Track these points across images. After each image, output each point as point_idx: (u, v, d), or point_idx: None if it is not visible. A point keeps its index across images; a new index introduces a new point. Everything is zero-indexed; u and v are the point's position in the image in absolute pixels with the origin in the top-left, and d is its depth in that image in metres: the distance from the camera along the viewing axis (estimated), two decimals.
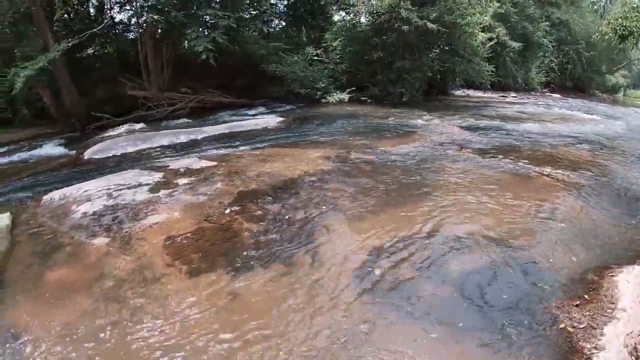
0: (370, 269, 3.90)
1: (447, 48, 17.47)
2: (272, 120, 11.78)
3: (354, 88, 16.83)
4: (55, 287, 3.87)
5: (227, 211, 4.90)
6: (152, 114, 15.38)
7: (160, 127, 12.76)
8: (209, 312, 3.40)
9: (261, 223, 4.67)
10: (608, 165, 8.03)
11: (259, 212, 4.91)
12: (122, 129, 13.08)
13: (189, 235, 4.42)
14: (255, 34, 18.91)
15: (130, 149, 9.35)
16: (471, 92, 23.49)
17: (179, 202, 5.16)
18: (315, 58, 17.59)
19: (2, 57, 14.28)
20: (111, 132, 12.65)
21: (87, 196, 5.66)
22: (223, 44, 14.49)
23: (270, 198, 5.30)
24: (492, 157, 7.86)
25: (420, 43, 16.36)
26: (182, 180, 5.89)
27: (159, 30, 15.70)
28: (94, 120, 14.76)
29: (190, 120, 13.59)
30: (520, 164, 7.34)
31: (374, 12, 16.33)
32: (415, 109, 15.05)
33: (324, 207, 5.14)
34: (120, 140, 10.13)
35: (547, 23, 27.71)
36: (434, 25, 14.85)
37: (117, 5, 17.07)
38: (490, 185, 6.07)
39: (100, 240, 4.53)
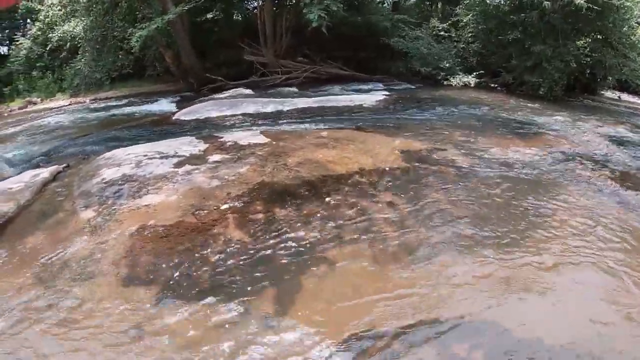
0: None
1: (598, 37, 14.34)
2: (371, 98, 10.51)
3: (482, 72, 14.62)
4: (20, 253, 3.68)
5: (225, 206, 3.94)
6: (265, 80, 15.16)
7: (265, 94, 12.31)
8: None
9: (249, 233, 3.60)
10: None
11: (259, 217, 3.82)
12: (230, 92, 12.91)
13: (161, 229, 3.62)
14: (384, 5, 17.56)
15: (214, 114, 8.98)
16: (624, 96, 19.49)
17: (189, 183, 4.40)
18: (444, 34, 15.74)
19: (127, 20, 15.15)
20: (219, 95, 12.56)
21: (123, 160, 5.37)
22: (340, 14, 13.53)
23: (290, 198, 4.16)
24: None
25: (565, 26, 13.54)
26: (215, 157, 5.14)
27: None
28: (209, 82, 14.98)
29: (296, 90, 12.92)
30: None
31: None
32: (553, 105, 12.53)
33: (346, 234, 3.69)
34: (208, 104, 9.82)
35: None
36: (581, 2, 12.06)
37: None
38: (626, 247, 3.78)
39: (87, 214, 4.15)
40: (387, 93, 12.06)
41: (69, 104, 15.05)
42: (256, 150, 5.37)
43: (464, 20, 15.83)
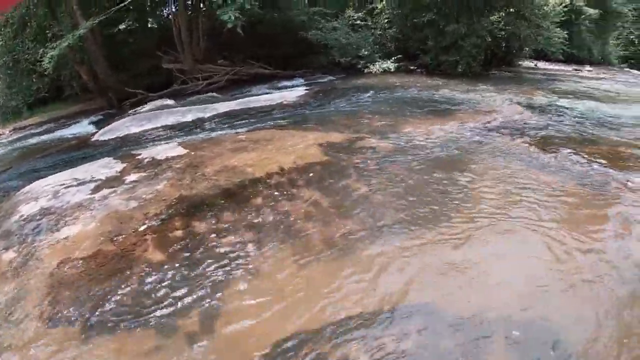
0: None
1: (511, 10, 15.16)
2: (291, 95, 10.69)
3: (401, 56, 15.07)
4: None
5: (143, 227, 3.93)
6: (187, 88, 14.98)
7: (187, 102, 12.17)
8: None
9: (168, 253, 3.59)
10: None
11: (178, 234, 3.82)
12: (151, 105, 12.67)
13: (80, 262, 3.56)
14: None
15: (134, 130, 8.85)
16: (540, 64, 20.71)
17: (106, 208, 4.33)
18: (360, 23, 16.09)
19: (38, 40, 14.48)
20: (140, 109, 12.29)
21: (41, 193, 5.20)
22: (256, 12, 13.56)
23: (208, 210, 4.18)
24: (557, 152, 5.82)
25: (478, 3, 14.24)
26: (133, 177, 5.09)
27: (188, 1, 15.10)
28: (130, 95, 14.63)
29: (218, 95, 12.85)
30: (595, 166, 5.28)
31: None
32: (472, 80, 13.09)
33: (268, 238, 3.71)
34: (127, 120, 9.63)
35: None
36: None
37: None
38: (547, 210, 4.04)
39: (8, 256, 3.97)
40: (308, 87, 12.26)
41: None
42: (173, 163, 5.36)
43: (379, 7, 16.26)
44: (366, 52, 15.00)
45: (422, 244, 3.54)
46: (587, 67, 21.55)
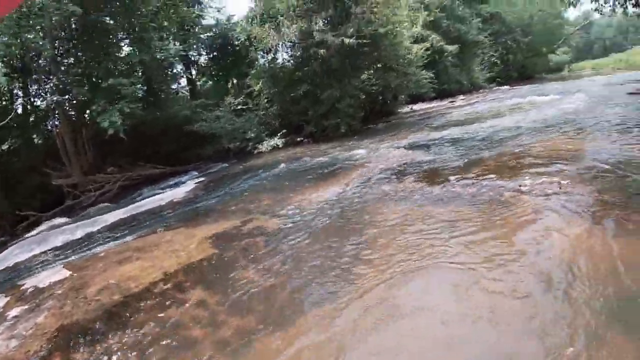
0: None
1: (378, 65, 16.87)
2: (181, 191, 11.04)
3: (286, 131, 16.05)
4: None
5: None
6: (80, 202, 14.68)
7: (79, 217, 12.00)
8: None
9: None
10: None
11: None
12: (43, 226, 12.34)
13: None
14: (180, 94, 18.36)
15: (22, 257, 8.61)
16: (417, 106, 22.88)
17: None
18: (242, 107, 16.98)
19: None
20: (30, 233, 11.90)
21: None
22: (138, 113, 13.92)
23: (89, 337, 4.17)
24: (446, 181, 6.25)
25: (344, 66, 15.67)
26: (15, 312, 5.07)
27: (71, 112, 15.17)
28: (22, 219, 14.04)
29: (109, 204, 12.77)
30: (485, 182, 5.81)
31: (290, 42, 15.75)
32: (354, 138, 14.19)
33: (152, 356, 3.58)
34: (16, 248, 9.36)
35: (479, 19, 27.81)
36: (351, 40, 14.14)
37: (27, 94, 16.46)
38: (448, 243, 4.30)
39: None
40: (199, 180, 12.61)
41: None
42: (56, 289, 5.40)
43: (257, 89, 17.27)
44: (252, 134, 15.79)
45: (328, 319, 3.52)
46: (460, 97, 24.24)
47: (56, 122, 16.64)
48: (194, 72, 21.12)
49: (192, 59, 20.44)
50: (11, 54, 13.15)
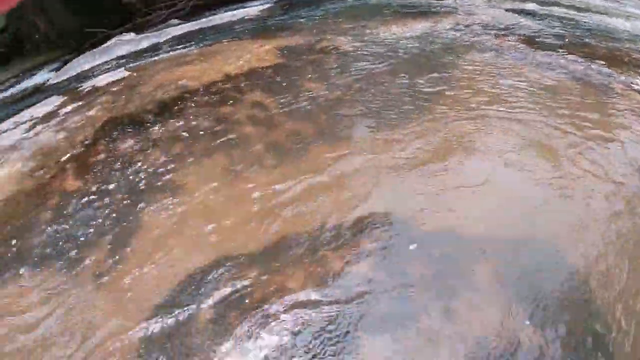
0: None
1: None
2: (254, 9, 9.87)
3: None
4: None
5: (65, 157, 3.56)
6: (150, 20, 14.00)
7: (146, 33, 11.42)
8: None
9: (86, 179, 3.24)
10: None
11: (100, 157, 3.44)
12: (109, 42, 11.93)
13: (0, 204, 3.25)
14: None
15: (86, 67, 8.23)
16: None
17: (34, 145, 3.94)
18: None
19: None
20: (97, 48, 11.59)
21: None
22: None
23: (138, 127, 3.75)
24: (550, 50, 5.12)
25: None
26: (68, 108, 4.66)
27: None
28: (90, 36, 13.76)
29: (179, 21, 12.00)
30: (594, 67, 4.65)
31: None
32: None
33: (199, 149, 3.37)
34: (81, 58, 9.01)
35: None
36: None
37: None
38: (544, 109, 3.53)
39: None
40: (276, 1, 11.41)
41: None
42: (111, 87, 4.91)
43: None
44: None
45: (394, 142, 3.10)
46: None
47: None
48: None
49: None
50: None
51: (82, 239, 2.70)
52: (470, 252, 2.20)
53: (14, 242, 2.79)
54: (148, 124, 3.78)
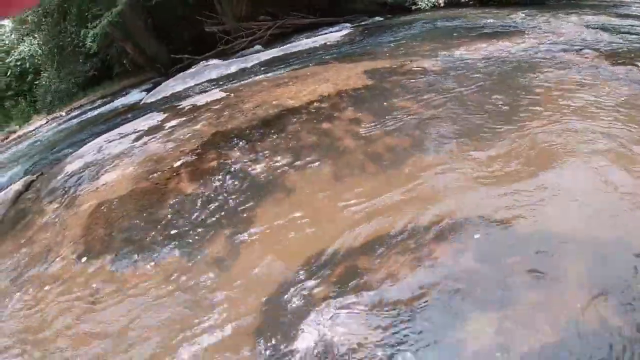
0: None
1: None
2: (335, 36, 10.14)
3: None
4: None
5: (178, 163, 3.78)
6: (231, 47, 14.74)
7: (231, 59, 12.00)
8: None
9: (200, 182, 3.44)
10: None
11: (212, 164, 3.64)
12: (197, 66, 12.62)
13: (115, 201, 3.51)
14: None
15: (178, 88, 8.79)
16: None
17: (144, 153, 4.27)
18: None
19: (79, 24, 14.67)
20: (186, 72, 12.31)
21: (86, 152, 5.33)
22: None
23: (244, 140, 3.95)
24: (630, 65, 4.83)
25: None
26: (172, 123, 4.98)
27: None
28: (176, 62, 14.65)
29: (261, 47, 12.53)
30: None
31: None
32: (531, 8, 11.91)
33: (304, 156, 3.48)
34: (171, 81, 9.64)
35: None
36: None
37: None
38: (625, 113, 3.37)
39: (51, 207, 4.06)
40: (353, 28, 11.64)
41: (46, 122, 14.93)
42: (212, 105, 5.19)
43: None
44: None
45: (485, 156, 3.08)
46: None
47: None
48: None
49: None
50: None
51: (199, 229, 2.86)
52: (564, 251, 2.12)
53: (135, 232, 3.00)
54: (254, 137, 3.98)
